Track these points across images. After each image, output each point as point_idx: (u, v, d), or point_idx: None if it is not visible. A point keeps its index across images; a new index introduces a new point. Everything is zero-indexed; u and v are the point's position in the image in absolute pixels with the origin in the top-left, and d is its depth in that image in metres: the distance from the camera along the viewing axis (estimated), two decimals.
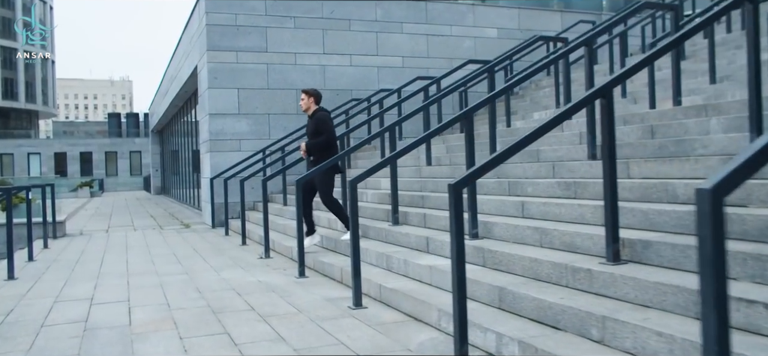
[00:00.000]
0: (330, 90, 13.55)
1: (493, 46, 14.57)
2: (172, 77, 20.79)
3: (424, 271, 5.12)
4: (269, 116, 13.16)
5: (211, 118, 12.79)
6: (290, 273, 6.71)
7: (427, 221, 6.38)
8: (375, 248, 6.29)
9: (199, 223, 13.74)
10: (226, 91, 12.87)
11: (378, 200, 8.40)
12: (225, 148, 12.89)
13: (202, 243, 9.78)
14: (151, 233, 11.80)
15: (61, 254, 9.16)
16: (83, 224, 14.84)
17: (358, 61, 13.85)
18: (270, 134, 13.14)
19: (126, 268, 7.53)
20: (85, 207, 23.48)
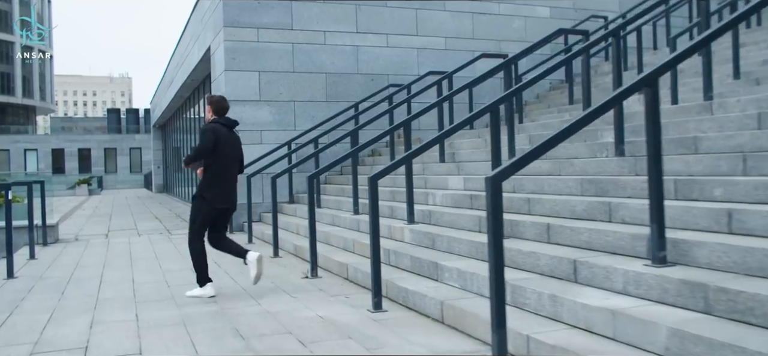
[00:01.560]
0: (363, 75, 11.78)
1: (545, 27, 12.74)
2: (178, 65, 18.98)
3: (596, 316, 3.34)
4: (294, 104, 11.37)
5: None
6: (357, 303, 4.93)
7: (555, 235, 4.59)
8: (477, 269, 4.51)
9: None
10: (245, 74, 11.08)
11: (452, 203, 6.61)
12: (244, 140, 10.83)
13: (224, 256, 7.95)
14: (159, 240, 10.01)
15: (49, 268, 7.37)
16: (80, 227, 13.05)
17: (395, 41, 12.06)
18: (296, 125, 11.35)
19: (132, 292, 5.74)
20: (83, 206, 21.68)
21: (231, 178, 5.41)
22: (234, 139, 5.46)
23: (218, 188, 5.30)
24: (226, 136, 5.32)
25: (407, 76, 11.93)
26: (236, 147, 5.49)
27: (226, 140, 5.31)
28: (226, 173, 5.33)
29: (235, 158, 5.45)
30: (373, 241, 4.67)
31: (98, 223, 13.96)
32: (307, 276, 6.16)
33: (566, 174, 5.80)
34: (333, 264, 6.42)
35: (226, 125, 5.38)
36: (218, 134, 5.24)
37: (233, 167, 5.44)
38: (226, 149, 5.30)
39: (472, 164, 7.60)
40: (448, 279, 4.78)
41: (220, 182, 5.29)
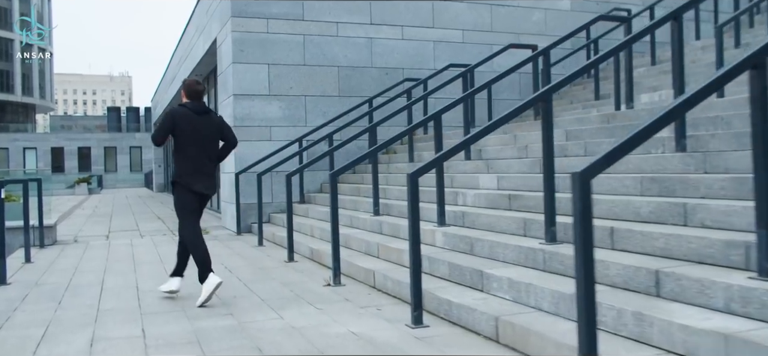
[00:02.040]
0: (378, 68, 11.21)
1: (566, 20, 12.19)
2: (181, 61, 18.41)
3: (701, 340, 2.76)
4: (305, 99, 10.80)
5: (235, 100, 10.43)
6: (392, 316, 4.36)
7: (622, 240, 4.01)
8: (531, 279, 3.94)
9: (218, 228, 11.37)
10: (254, 67, 10.51)
11: (487, 203, 6.04)
12: (252, 136, 10.52)
13: (235, 259, 7.41)
14: (163, 242, 9.44)
15: (46, 273, 6.79)
16: (79, 227, 12.47)
17: (411, 34, 11.49)
18: (306, 120, 10.78)
19: (137, 301, 5.17)
20: (82, 206, 21.10)
21: (203, 161, 5.12)
22: (205, 122, 5.16)
23: (190, 171, 5.06)
24: (190, 119, 5.06)
25: (423, 71, 11.37)
26: (209, 131, 5.17)
27: (191, 123, 5.05)
28: (196, 156, 5.07)
29: (207, 141, 5.16)
30: (414, 246, 4.10)
31: (98, 223, 13.39)
32: (330, 283, 5.59)
33: (619, 172, 5.22)
34: (357, 271, 5.85)
35: (194, 110, 5.11)
36: (177, 117, 5.04)
37: (204, 150, 5.13)
38: (192, 132, 5.04)
39: (502, 161, 7.03)
40: (497, 290, 4.21)
41: (190, 165, 5.07)
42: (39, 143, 54.41)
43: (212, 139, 5.22)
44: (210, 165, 5.21)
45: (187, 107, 5.13)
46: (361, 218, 7.57)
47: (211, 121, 5.24)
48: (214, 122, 5.29)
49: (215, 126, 5.26)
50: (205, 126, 5.14)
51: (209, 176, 5.21)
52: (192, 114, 5.09)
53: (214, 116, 5.36)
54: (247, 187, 10.18)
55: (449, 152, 4.55)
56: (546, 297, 3.75)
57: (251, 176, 10.21)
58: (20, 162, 51.81)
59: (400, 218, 6.98)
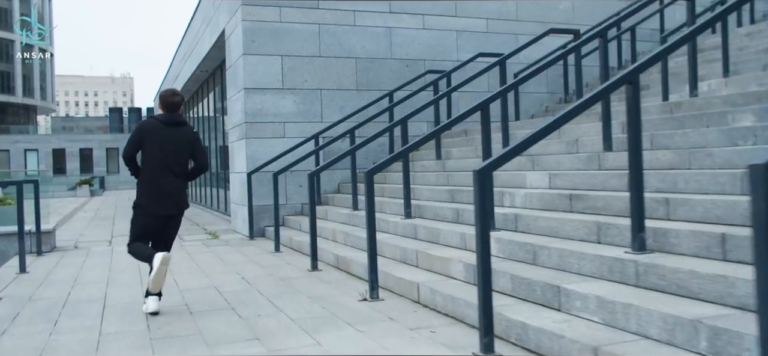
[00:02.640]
0: (397, 60, 10.49)
1: (594, 8, 11.45)
2: (185, 57, 17.70)
3: None
4: (321, 93, 10.08)
5: (246, 94, 9.71)
6: (452, 340, 3.64)
7: (735, 250, 3.28)
8: (628, 297, 3.22)
9: (228, 231, 10.66)
10: (266, 58, 9.79)
11: (541, 204, 5.31)
12: (265, 133, 9.80)
13: (251, 266, 6.69)
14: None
15: (42, 286, 6.08)
16: (80, 231, 11.76)
17: (432, 23, 10.77)
18: (322, 116, 10.06)
19: (145, 323, 4.45)
20: (84, 208, 20.41)
21: (167, 178, 4.73)
22: (175, 135, 4.80)
23: (152, 193, 4.71)
24: (158, 131, 4.75)
25: (445, 62, 10.64)
26: (179, 144, 4.80)
27: (160, 136, 4.73)
28: (160, 174, 4.70)
29: (176, 155, 4.78)
30: (483, 257, 3.38)
31: (100, 227, 12.68)
32: (366, 297, 4.86)
33: (704, 167, 4.50)
34: (395, 283, 5.12)
35: (164, 122, 4.79)
36: (145, 130, 4.76)
37: (171, 164, 4.75)
38: (159, 146, 4.72)
39: (549, 157, 6.30)
40: (581, 310, 3.49)
41: (152, 187, 4.72)
42: (40, 144, 53.84)
43: (181, 153, 4.82)
44: (177, 182, 4.79)
45: (158, 119, 4.83)
46: (391, 221, 6.84)
47: (183, 134, 4.85)
48: (187, 135, 4.88)
49: (187, 140, 4.86)
50: (175, 139, 4.78)
51: (175, 194, 4.78)
52: (161, 126, 4.77)
53: (187, 129, 4.93)
54: (258, 188, 9.47)
55: (524, 144, 3.80)
56: (654, 321, 3.02)
57: (264, 175, 9.51)
58: (21, 164, 51.28)
59: (437, 221, 6.26)
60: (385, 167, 5.44)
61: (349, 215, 7.99)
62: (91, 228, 12.34)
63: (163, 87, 26.89)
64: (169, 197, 4.73)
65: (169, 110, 4.86)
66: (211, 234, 10.25)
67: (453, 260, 4.83)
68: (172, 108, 4.87)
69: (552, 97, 11.30)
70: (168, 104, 4.87)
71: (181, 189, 4.84)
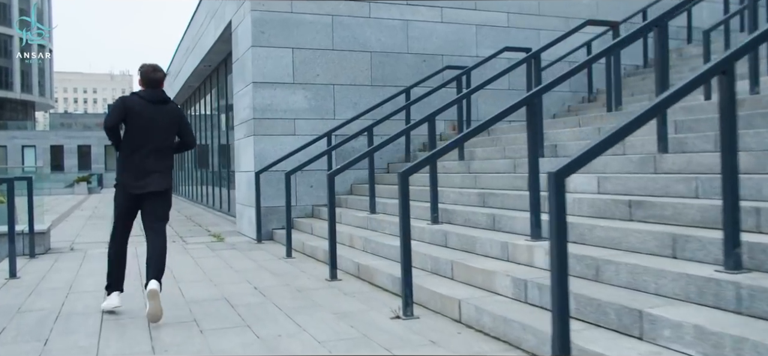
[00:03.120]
0: (414, 54, 9.93)
1: (619, 5, 10.91)
2: (187, 51, 17.12)
3: None
4: (334, 88, 9.51)
5: (255, 89, 9.13)
6: None
7: None
8: (747, 332, 2.65)
9: (233, 233, 10.08)
10: (276, 51, 9.22)
11: (593, 211, 4.74)
12: (275, 130, 9.22)
13: (264, 275, 6.12)
14: (172, 250, 8.10)
15: (32, 294, 5.50)
16: (76, 231, 11.18)
17: (451, 16, 10.20)
18: (335, 113, 9.49)
19: (149, 340, 3.88)
20: (82, 206, 19.82)
21: (149, 156, 4.52)
22: (159, 113, 4.59)
23: (133, 170, 4.51)
24: (142, 108, 4.52)
25: (464, 58, 10.11)
26: (163, 122, 4.60)
27: (142, 113, 4.51)
28: (141, 151, 4.50)
29: (159, 133, 4.57)
30: (560, 276, 2.81)
31: (98, 227, 12.10)
32: (399, 315, 4.29)
33: None
34: (430, 297, 4.55)
35: (148, 99, 4.56)
36: (129, 106, 4.51)
37: (154, 142, 4.54)
38: (142, 124, 4.50)
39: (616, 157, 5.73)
40: (673, 340, 2.92)
41: (134, 163, 4.51)
42: (38, 140, 53.22)
43: (166, 131, 4.61)
44: (160, 161, 4.59)
45: (142, 96, 4.57)
46: (416, 226, 6.23)
47: (168, 112, 4.65)
48: (172, 113, 4.68)
49: (172, 118, 4.66)
50: (159, 116, 4.57)
51: (157, 173, 4.56)
52: (145, 103, 4.54)
53: (172, 106, 4.73)
54: (266, 188, 8.91)
55: (608, 141, 3.22)
56: None
57: (272, 175, 8.95)
58: (19, 160, 50.67)
59: (469, 227, 5.70)
60: (422, 167, 4.86)
61: (367, 219, 7.42)
62: (88, 228, 11.76)
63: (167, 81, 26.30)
64: (150, 175, 4.51)
65: (152, 87, 4.60)
66: (216, 236, 9.67)
67: (498, 274, 4.26)
68: (155, 84, 4.61)
69: (574, 96, 10.76)
70: (150, 81, 4.59)
71: (165, 168, 4.61)
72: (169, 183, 4.64)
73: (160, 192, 4.57)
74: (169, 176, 4.67)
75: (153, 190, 4.52)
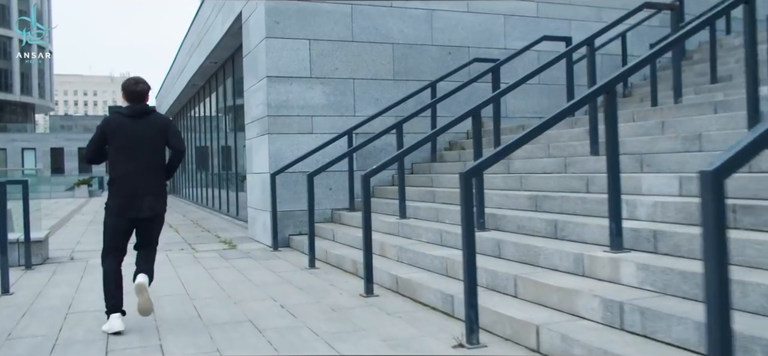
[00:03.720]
0: (439, 47, 9.24)
1: None
2: (192, 48, 16.43)
3: None
4: (354, 82, 8.81)
5: (269, 83, 8.43)
6: None
7: None
8: None
9: (245, 239, 9.39)
10: (291, 43, 8.52)
11: (680, 217, 4.04)
12: (291, 128, 8.52)
13: (288, 290, 5.42)
14: (182, 261, 7.45)
15: (27, 315, 4.81)
16: (77, 238, 10.48)
17: (477, 6, 9.51)
18: (355, 109, 8.80)
19: None
20: (82, 210, 19.12)
21: (139, 176, 4.25)
22: (144, 126, 4.32)
23: (123, 193, 4.24)
24: (123, 126, 4.29)
25: (492, 50, 9.42)
26: (149, 136, 4.32)
27: (125, 131, 4.28)
28: (130, 172, 4.24)
29: (147, 148, 4.30)
30: (721, 314, 2.10)
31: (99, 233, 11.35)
32: (462, 343, 3.59)
33: None
34: (496, 321, 3.83)
35: (129, 114, 4.31)
36: (108, 127, 4.28)
37: (142, 160, 4.28)
38: (126, 142, 4.25)
39: (667, 156, 5.04)
40: None
41: (121, 186, 4.25)
42: (38, 143, 52.64)
43: (154, 145, 4.33)
44: (153, 180, 4.31)
45: (121, 112, 4.33)
46: (456, 233, 5.55)
47: (153, 123, 4.36)
48: (158, 124, 4.39)
49: (158, 130, 4.36)
50: (144, 130, 4.29)
51: (150, 195, 4.27)
52: (126, 119, 4.29)
53: (157, 117, 4.44)
54: (282, 191, 8.26)
55: None
56: None
57: (288, 177, 8.28)
58: (19, 163, 50.07)
59: (524, 235, 5.00)
60: (492, 164, 4.14)
61: (397, 225, 6.73)
62: (89, 234, 11.06)
63: (167, 83, 25.60)
64: (144, 198, 4.23)
65: (135, 101, 4.34)
66: (227, 243, 8.97)
67: (581, 294, 3.56)
68: (137, 98, 4.33)
69: None
70: (132, 94, 4.32)
71: (157, 188, 4.34)
72: (163, 205, 4.40)
73: (155, 216, 4.32)
74: (164, 196, 4.40)
75: (148, 215, 4.27)
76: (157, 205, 4.30)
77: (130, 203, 4.19)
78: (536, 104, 9.74)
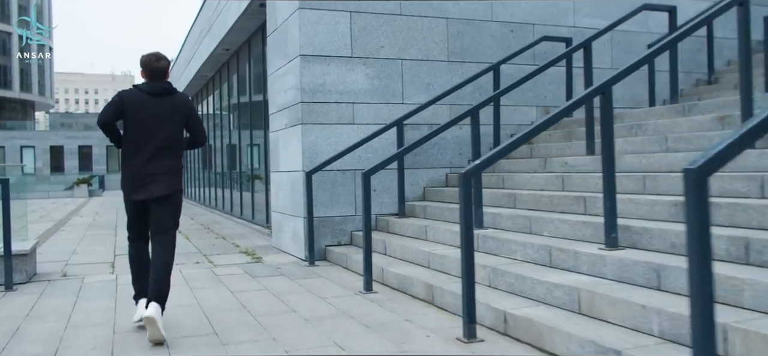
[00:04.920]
0: (500, 23, 7.85)
1: None
2: (201, 34, 15.01)
3: None
4: (402, 64, 7.41)
5: (303, 63, 7.03)
6: None
7: None
8: None
9: (269, 250, 7.99)
10: (329, 15, 7.12)
11: None
12: (328, 117, 7.12)
13: (350, 327, 4.01)
14: (202, 280, 6.05)
15: None
16: (73, 246, 9.07)
17: None
18: (403, 95, 7.40)
19: None
20: (81, 212, 17.71)
21: (152, 157, 3.94)
22: (163, 106, 4.02)
23: (133, 173, 3.98)
24: (142, 102, 4.00)
25: (559, 28, 8.03)
26: (168, 115, 4.02)
27: (143, 107, 3.98)
28: (143, 151, 3.94)
29: (164, 128, 3.99)
30: None
31: (99, 239, 9.99)
32: None
33: None
34: None
35: (149, 91, 4.02)
36: (127, 101, 4.00)
37: (158, 140, 3.96)
38: (143, 120, 3.97)
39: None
40: None
41: (135, 165, 3.97)
42: (37, 141, 51.21)
43: (170, 126, 4.06)
44: (165, 161, 4.02)
45: (142, 89, 4.08)
46: (579, 253, 4.12)
47: (172, 103, 4.10)
48: (177, 104, 4.13)
49: (177, 110, 4.11)
50: (162, 110, 4.04)
51: (161, 175, 4.00)
52: (145, 96, 4.05)
53: (178, 97, 4.17)
54: (316, 192, 6.84)
55: None
56: None
57: (323, 176, 6.91)
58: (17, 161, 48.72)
59: (674, 255, 3.57)
60: (728, 158, 2.71)
61: (475, 238, 5.31)
62: (87, 241, 9.66)
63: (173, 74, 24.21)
64: (153, 178, 3.97)
65: (155, 78, 4.11)
66: (250, 255, 7.56)
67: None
68: (157, 75, 4.10)
69: (687, 77, 8.62)
70: (153, 71, 4.09)
71: (171, 170, 4.05)
72: (175, 186, 4.06)
73: (164, 197, 4.00)
74: (177, 178, 4.09)
75: (156, 195, 3.99)
76: (169, 185, 4.00)
77: (138, 184, 3.97)
78: (637, 92, 8.23)
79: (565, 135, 6.93)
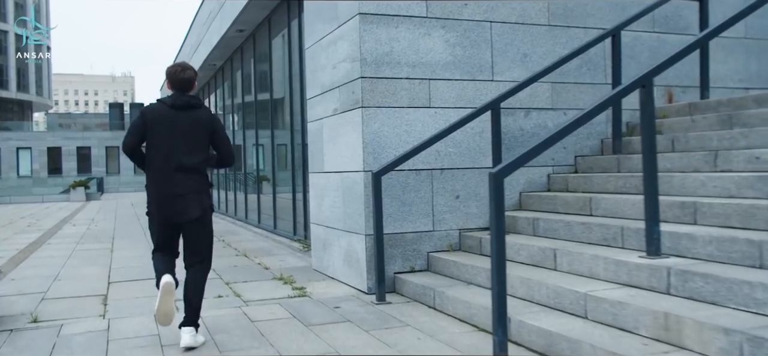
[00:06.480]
0: None
1: None
2: (210, 16, 13.13)
3: None
4: (491, 28, 5.55)
5: (364, 24, 5.15)
6: None
7: None
8: None
9: (308, 272, 6.13)
10: None
11: None
12: (397, 99, 5.25)
13: None
14: (231, 330, 4.22)
15: None
16: (55, 270, 7.20)
17: None
18: (494, 70, 5.54)
19: None
20: (75, 219, 15.84)
21: (176, 175, 3.69)
22: (186, 119, 3.74)
23: (159, 193, 3.73)
24: (164, 116, 3.74)
25: None
26: (191, 129, 3.73)
27: (166, 122, 3.73)
28: (166, 168, 3.71)
29: (188, 143, 3.72)
30: None
31: (92, 258, 8.12)
32: None
33: None
34: None
35: (171, 104, 3.74)
36: (149, 117, 3.75)
37: (181, 154, 3.69)
38: (165, 135, 3.71)
39: None
40: None
41: (160, 185, 3.74)
42: (34, 142, 49.45)
43: (197, 142, 3.74)
44: (190, 179, 3.69)
45: (165, 102, 3.78)
46: None
47: (195, 118, 3.76)
48: (201, 119, 3.77)
49: (202, 126, 3.76)
50: (188, 126, 3.73)
51: (189, 195, 3.68)
52: (167, 109, 3.74)
53: (203, 113, 3.81)
54: (407, 200, 4.99)
55: None
56: None
57: (389, 178, 5.05)
58: (13, 164, 47.06)
59: None
60: None
61: (654, 271, 3.43)
62: (76, 260, 7.79)
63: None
64: (180, 198, 3.67)
65: (180, 89, 3.78)
66: (288, 283, 5.68)
67: None
68: (183, 86, 3.78)
69: None
70: (178, 82, 3.77)
71: (198, 188, 3.73)
72: (203, 207, 3.73)
73: (198, 219, 3.71)
74: (205, 197, 3.76)
75: (188, 218, 3.69)
76: (198, 206, 3.68)
77: (166, 205, 3.69)
78: (742, 68, 6.53)
79: (721, 120, 5.06)
